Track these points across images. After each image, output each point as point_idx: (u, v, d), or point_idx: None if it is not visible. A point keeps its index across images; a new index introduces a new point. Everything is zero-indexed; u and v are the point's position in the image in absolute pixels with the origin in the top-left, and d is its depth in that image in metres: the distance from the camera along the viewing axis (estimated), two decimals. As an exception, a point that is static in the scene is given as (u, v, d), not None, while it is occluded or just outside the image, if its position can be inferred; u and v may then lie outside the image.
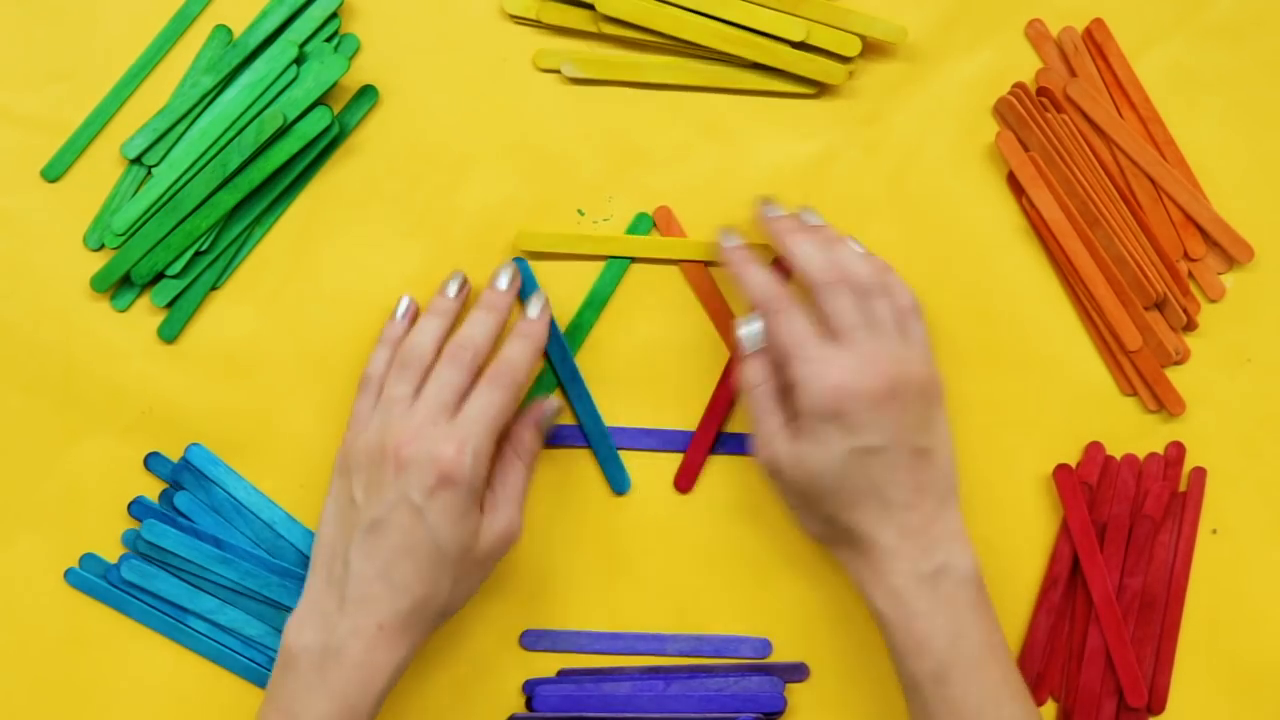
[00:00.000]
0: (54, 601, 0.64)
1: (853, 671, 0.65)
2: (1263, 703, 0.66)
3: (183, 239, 0.63)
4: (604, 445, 0.65)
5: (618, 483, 0.65)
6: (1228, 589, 0.66)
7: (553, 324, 0.64)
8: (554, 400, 0.63)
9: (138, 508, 0.64)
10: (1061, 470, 0.66)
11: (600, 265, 0.66)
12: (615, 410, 0.65)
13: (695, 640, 0.65)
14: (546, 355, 0.65)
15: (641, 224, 0.65)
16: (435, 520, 0.55)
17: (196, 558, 0.63)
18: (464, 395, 0.58)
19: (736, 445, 0.65)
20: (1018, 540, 0.66)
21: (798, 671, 0.65)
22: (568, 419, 0.65)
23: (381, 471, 0.56)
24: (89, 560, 0.64)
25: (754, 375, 0.60)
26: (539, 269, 0.65)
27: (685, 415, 0.66)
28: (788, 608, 0.66)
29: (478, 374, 0.59)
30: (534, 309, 0.62)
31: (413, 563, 0.55)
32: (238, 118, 0.63)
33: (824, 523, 0.59)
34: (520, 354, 0.59)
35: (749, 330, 0.60)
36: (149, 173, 0.64)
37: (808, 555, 0.65)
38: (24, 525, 0.64)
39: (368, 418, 0.60)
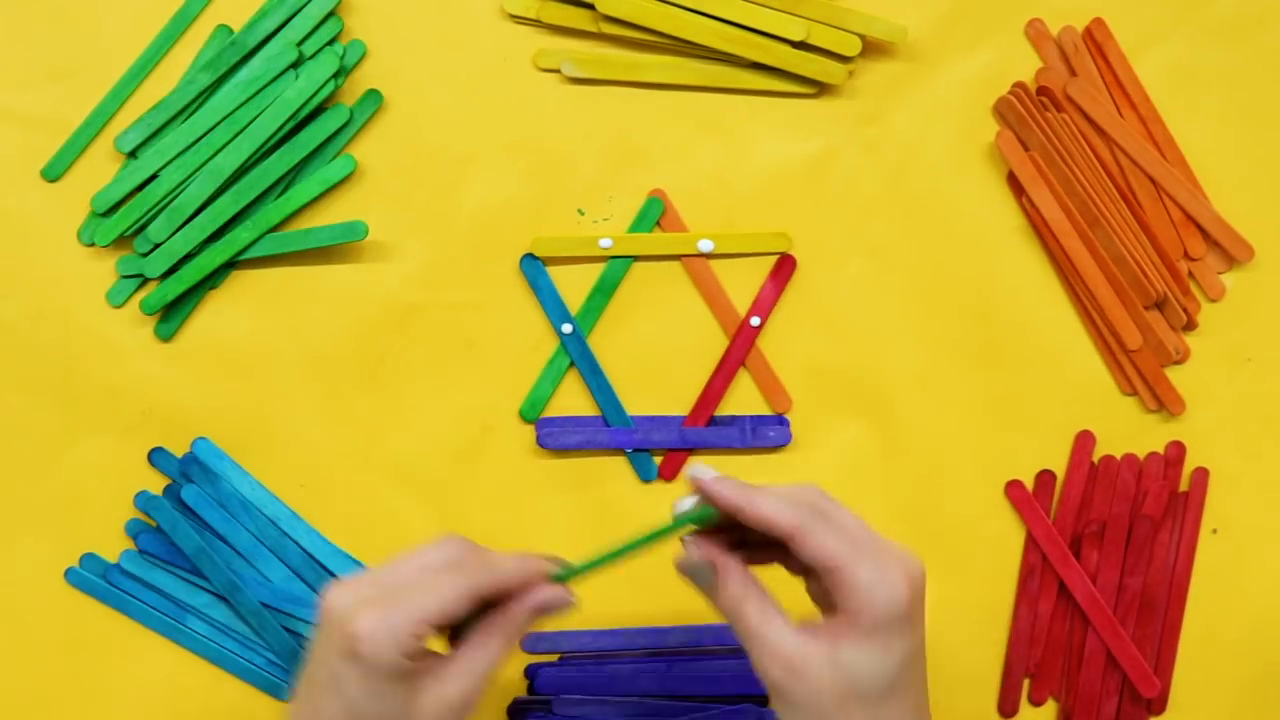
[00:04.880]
0: (54, 601, 0.64)
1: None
2: (1264, 702, 0.66)
3: (185, 243, 0.64)
4: (629, 436, 0.65)
5: (644, 471, 0.65)
6: (1228, 589, 0.66)
7: (573, 320, 0.65)
8: (566, 597, 0.53)
9: (143, 499, 0.64)
10: (1013, 486, 0.66)
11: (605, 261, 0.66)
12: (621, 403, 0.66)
13: (695, 631, 0.65)
14: (567, 351, 0.65)
15: (653, 209, 0.65)
16: (351, 691, 0.47)
17: (175, 593, 0.64)
18: (431, 578, 0.49)
19: (731, 440, 0.66)
20: (1017, 538, 0.66)
21: (799, 661, 0.65)
22: (578, 412, 0.65)
23: (319, 618, 0.49)
24: (89, 560, 0.64)
25: (743, 579, 0.51)
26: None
27: (686, 409, 0.66)
28: (787, 599, 0.65)
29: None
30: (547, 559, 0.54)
31: None
32: (232, 112, 0.63)
33: None
34: (502, 563, 0.51)
35: (698, 553, 0.51)
36: (155, 176, 0.64)
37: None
38: (24, 525, 0.64)
39: None
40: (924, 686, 0.51)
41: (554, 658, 0.65)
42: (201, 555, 0.63)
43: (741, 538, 0.52)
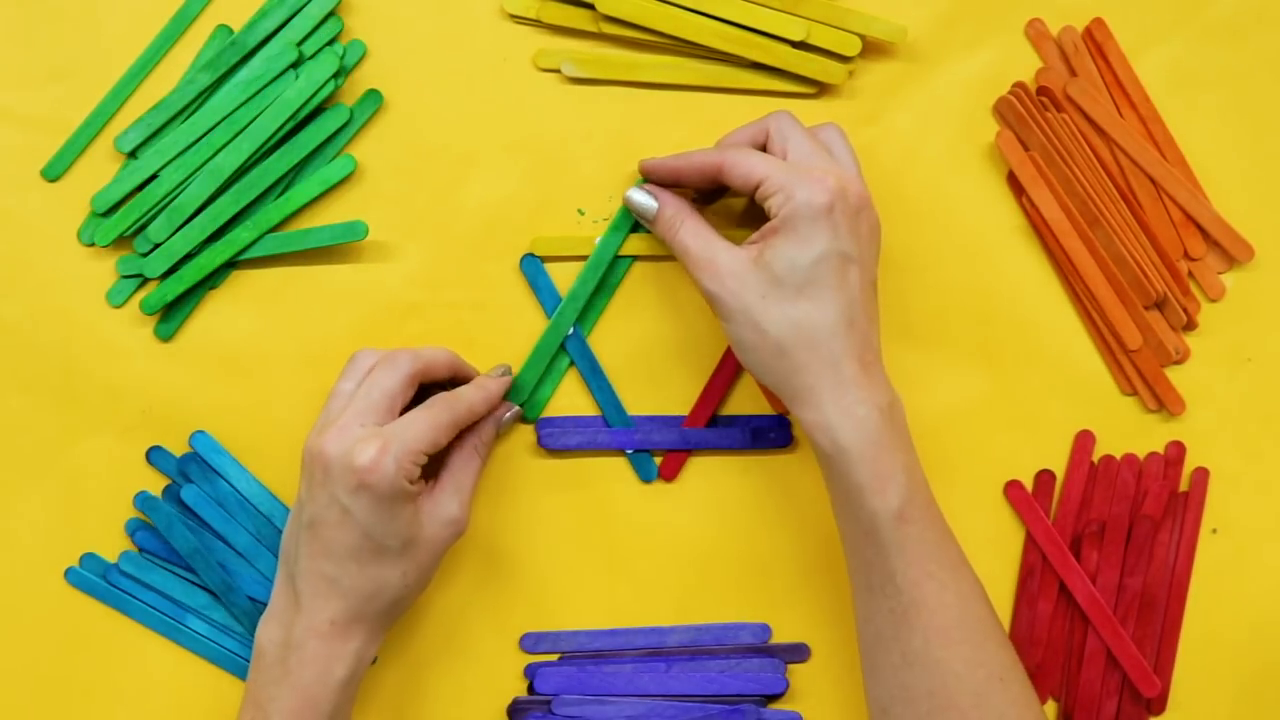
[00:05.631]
0: (54, 601, 0.64)
1: (852, 656, 0.65)
2: (1264, 702, 0.66)
3: (185, 243, 0.64)
4: (629, 436, 0.65)
5: (644, 471, 0.65)
6: (1228, 589, 0.66)
7: (575, 323, 0.65)
8: (518, 409, 0.64)
9: (142, 500, 0.64)
10: (1012, 487, 0.66)
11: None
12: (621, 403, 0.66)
13: (695, 631, 0.65)
14: (567, 351, 0.65)
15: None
16: (365, 519, 0.55)
17: (175, 593, 0.64)
18: (396, 401, 0.58)
19: (732, 440, 0.65)
20: (1017, 539, 0.66)
21: (798, 652, 0.65)
22: (579, 412, 0.65)
23: (313, 469, 0.57)
24: (89, 560, 0.64)
25: (678, 207, 0.61)
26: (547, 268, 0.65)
27: (686, 409, 0.66)
28: (786, 596, 0.66)
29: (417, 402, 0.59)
30: (497, 372, 0.64)
31: (354, 562, 0.56)
32: (232, 112, 0.63)
33: (784, 343, 0.56)
34: (469, 395, 0.60)
35: (641, 195, 0.62)
36: (155, 176, 0.64)
37: (805, 543, 0.66)
38: (24, 525, 0.64)
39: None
40: (858, 304, 0.57)
41: (554, 658, 0.65)
42: (196, 555, 0.63)
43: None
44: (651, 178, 0.63)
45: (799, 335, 0.56)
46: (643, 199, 0.62)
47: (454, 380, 0.62)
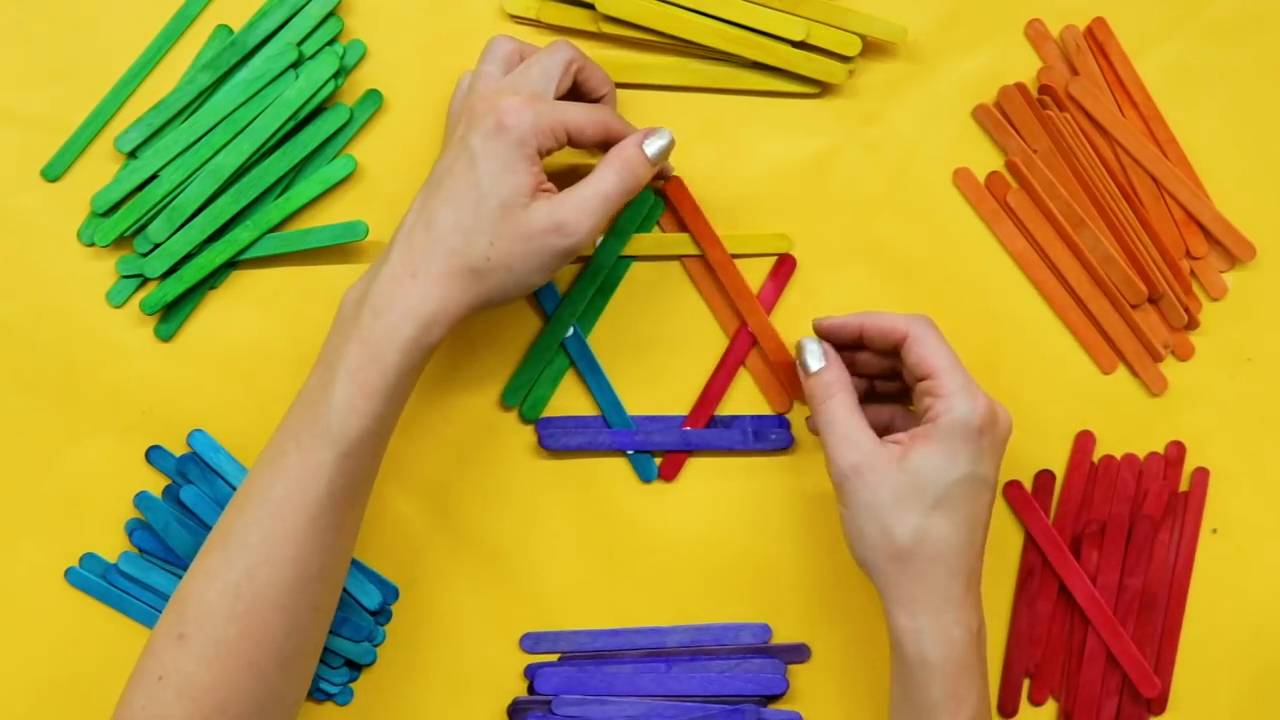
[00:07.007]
0: (54, 601, 0.64)
1: (852, 657, 0.65)
2: (1264, 703, 0.66)
3: (185, 243, 0.64)
4: (630, 437, 0.65)
5: (644, 471, 0.65)
6: (1228, 589, 0.66)
7: (574, 321, 0.65)
8: (671, 138, 0.59)
9: (141, 500, 0.64)
10: (1012, 487, 0.66)
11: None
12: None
13: (695, 631, 0.65)
14: (567, 352, 0.65)
15: (655, 210, 0.65)
16: (483, 165, 0.55)
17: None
18: (552, 83, 0.58)
19: (732, 440, 0.65)
20: (1016, 539, 0.66)
21: (799, 653, 0.65)
22: (578, 412, 0.65)
23: (456, 125, 0.57)
24: (89, 560, 0.64)
25: (840, 375, 0.59)
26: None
27: (686, 409, 0.66)
28: (786, 596, 0.66)
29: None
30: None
31: (453, 209, 0.55)
32: (232, 112, 0.63)
33: (906, 550, 0.55)
34: (625, 124, 0.60)
35: (813, 348, 0.60)
36: (155, 176, 0.64)
37: (805, 543, 0.66)
38: (24, 525, 0.64)
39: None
40: (979, 528, 0.56)
41: (554, 658, 0.65)
42: (193, 555, 0.63)
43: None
44: (832, 332, 0.61)
45: (923, 547, 0.55)
46: (813, 351, 0.60)
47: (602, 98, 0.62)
